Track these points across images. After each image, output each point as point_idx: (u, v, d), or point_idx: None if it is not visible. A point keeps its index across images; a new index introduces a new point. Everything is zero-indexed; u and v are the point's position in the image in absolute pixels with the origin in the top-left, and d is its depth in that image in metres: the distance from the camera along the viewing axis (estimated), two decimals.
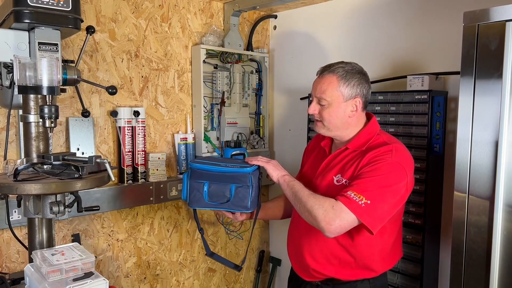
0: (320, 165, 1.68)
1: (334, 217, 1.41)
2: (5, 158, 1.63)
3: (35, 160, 1.49)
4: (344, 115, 1.59)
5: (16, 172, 1.35)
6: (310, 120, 2.37)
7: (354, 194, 1.43)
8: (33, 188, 1.32)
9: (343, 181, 1.57)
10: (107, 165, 1.46)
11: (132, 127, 2.18)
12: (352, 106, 1.59)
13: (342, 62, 1.63)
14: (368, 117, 1.68)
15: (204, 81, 2.43)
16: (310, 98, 1.68)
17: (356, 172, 1.53)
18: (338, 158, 1.64)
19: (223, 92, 2.49)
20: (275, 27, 2.82)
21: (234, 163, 1.72)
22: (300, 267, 1.72)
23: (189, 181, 1.69)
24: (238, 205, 1.65)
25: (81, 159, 1.53)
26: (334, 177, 1.60)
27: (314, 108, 1.62)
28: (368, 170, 1.49)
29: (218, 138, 2.53)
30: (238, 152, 2.50)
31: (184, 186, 1.71)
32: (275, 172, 1.64)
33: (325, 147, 1.72)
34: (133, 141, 2.18)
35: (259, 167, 1.70)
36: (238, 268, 1.80)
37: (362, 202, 1.42)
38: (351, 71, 1.59)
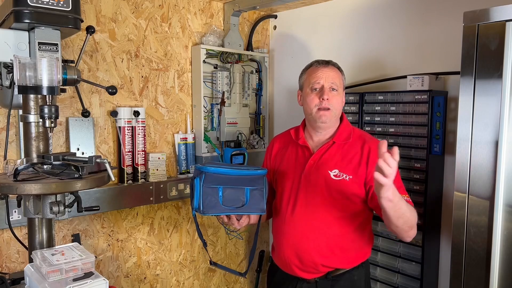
0: (306, 162, 1.71)
1: (416, 225, 1.58)
2: (5, 158, 1.62)
3: (35, 160, 1.49)
4: (342, 104, 1.73)
5: (16, 172, 1.35)
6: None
7: (405, 197, 1.57)
8: (33, 188, 1.32)
9: (344, 176, 1.64)
10: (107, 165, 1.46)
11: (132, 127, 2.18)
12: (343, 97, 1.74)
13: (330, 60, 1.76)
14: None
15: (204, 81, 2.43)
16: (314, 87, 1.66)
17: (369, 174, 1.60)
18: (328, 153, 1.69)
19: (223, 92, 2.49)
20: (275, 27, 2.82)
21: (244, 166, 1.71)
22: (303, 266, 1.71)
23: (202, 186, 1.59)
24: (255, 208, 1.64)
25: (81, 159, 1.53)
26: (329, 172, 1.66)
27: (329, 94, 1.64)
28: None
29: (218, 138, 2.53)
30: (238, 152, 2.50)
31: (196, 193, 1.60)
32: (390, 187, 1.36)
33: (306, 144, 1.76)
34: (133, 141, 2.18)
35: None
36: (243, 275, 1.80)
37: (410, 198, 1.60)
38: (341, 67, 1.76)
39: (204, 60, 2.40)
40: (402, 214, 1.47)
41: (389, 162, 1.29)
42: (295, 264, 1.72)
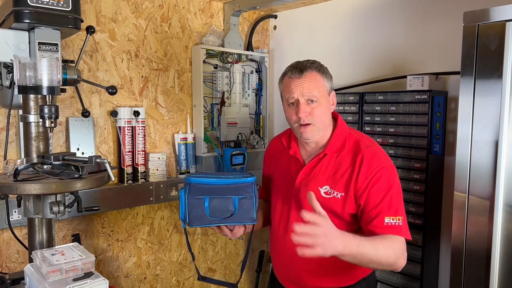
0: (296, 176, 1.57)
1: (404, 254, 1.40)
2: (5, 158, 1.62)
3: (35, 160, 1.49)
4: (329, 111, 1.54)
5: (16, 172, 1.35)
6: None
7: (392, 219, 1.41)
8: (33, 188, 1.32)
9: (335, 194, 1.49)
10: (107, 165, 1.46)
11: (132, 127, 2.18)
12: (331, 100, 1.55)
13: (306, 60, 1.54)
14: (333, 115, 1.60)
15: (204, 81, 2.43)
16: (290, 101, 1.50)
17: (359, 189, 1.45)
18: (319, 167, 1.54)
19: (223, 92, 2.49)
20: (275, 27, 2.82)
21: (232, 174, 1.61)
22: (295, 285, 1.63)
23: (187, 198, 1.53)
24: (244, 217, 1.54)
25: (81, 159, 1.53)
26: (320, 188, 1.51)
27: (305, 110, 1.47)
28: (380, 187, 1.44)
29: (218, 138, 2.53)
30: (238, 152, 2.50)
31: (181, 205, 1.54)
32: (330, 249, 1.22)
33: (296, 155, 1.61)
34: (133, 141, 2.18)
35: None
36: (234, 286, 1.68)
37: (400, 222, 1.41)
38: (323, 66, 1.55)
39: (204, 60, 2.40)
40: (369, 260, 1.32)
41: (305, 231, 1.17)
42: (289, 282, 1.65)
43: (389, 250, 1.35)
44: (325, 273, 1.55)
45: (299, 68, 1.50)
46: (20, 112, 1.56)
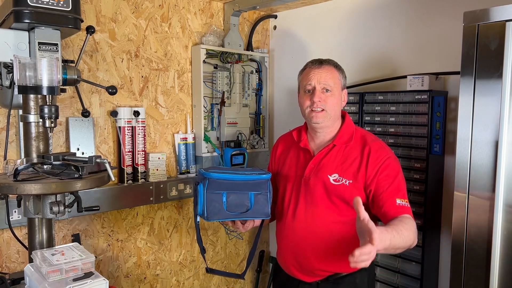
0: (306, 166, 1.69)
1: (417, 231, 1.49)
2: (5, 158, 1.62)
3: (35, 160, 1.49)
4: (340, 104, 1.69)
5: (16, 172, 1.35)
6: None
7: (402, 201, 1.54)
8: (33, 188, 1.32)
9: (343, 181, 1.61)
10: (107, 165, 1.46)
11: (132, 127, 2.18)
12: (343, 96, 1.70)
13: (326, 58, 1.71)
14: (341, 113, 1.75)
15: (204, 81, 2.43)
16: (307, 88, 1.65)
17: (369, 177, 1.58)
18: (328, 157, 1.66)
19: (223, 92, 2.49)
20: (275, 27, 2.82)
21: (248, 170, 1.69)
22: (302, 270, 1.70)
23: (206, 192, 1.59)
24: (260, 212, 1.64)
25: (81, 159, 1.53)
26: (329, 176, 1.63)
27: (320, 96, 1.62)
28: (388, 173, 1.58)
29: (218, 138, 2.53)
30: (238, 152, 2.50)
31: (200, 199, 1.60)
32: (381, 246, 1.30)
33: (306, 146, 1.73)
34: (133, 141, 2.18)
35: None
36: (241, 277, 1.77)
37: (408, 203, 1.56)
38: (339, 65, 1.71)
39: (204, 60, 2.40)
40: (397, 248, 1.40)
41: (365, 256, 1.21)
42: (295, 267, 1.72)
43: (410, 233, 1.44)
44: (332, 258, 1.64)
45: (319, 60, 1.69)
46: (20, 112, 1.56)
